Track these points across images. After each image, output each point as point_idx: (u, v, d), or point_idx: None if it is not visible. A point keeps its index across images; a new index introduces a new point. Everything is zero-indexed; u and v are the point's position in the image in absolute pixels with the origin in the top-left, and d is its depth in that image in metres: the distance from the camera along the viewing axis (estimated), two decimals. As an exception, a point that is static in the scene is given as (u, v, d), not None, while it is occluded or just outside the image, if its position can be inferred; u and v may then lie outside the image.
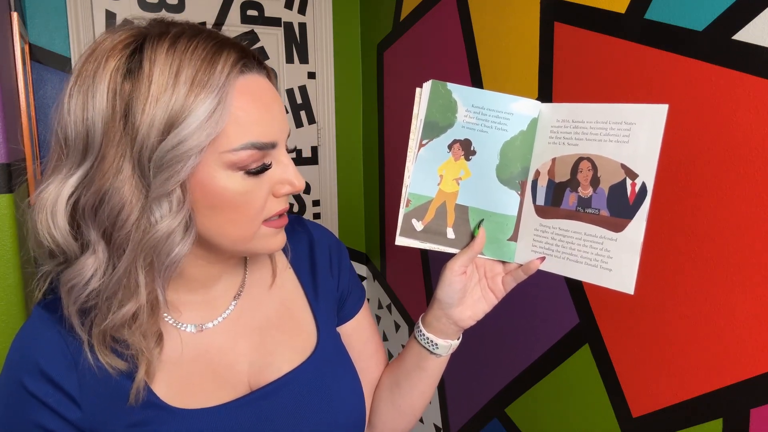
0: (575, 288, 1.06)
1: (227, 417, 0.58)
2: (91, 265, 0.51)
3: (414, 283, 1.74)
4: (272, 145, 0.54)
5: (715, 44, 0.76)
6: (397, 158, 1.85)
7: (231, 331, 0.63)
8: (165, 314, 0.59)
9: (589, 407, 1.05)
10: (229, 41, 0.53)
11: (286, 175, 0.56)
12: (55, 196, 0.50)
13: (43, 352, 0.55)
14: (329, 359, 0.67)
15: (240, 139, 0.51)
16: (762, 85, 0.71)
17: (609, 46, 0.93)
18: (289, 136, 0.58)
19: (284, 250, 0.71)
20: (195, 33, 0.52)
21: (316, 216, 2.13)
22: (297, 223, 0.75)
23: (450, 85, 0.63)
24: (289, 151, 0.58)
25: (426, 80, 0.64)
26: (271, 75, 0.57)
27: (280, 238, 0.59)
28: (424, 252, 1.66)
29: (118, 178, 0.49)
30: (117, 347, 0.55)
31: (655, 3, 0.85)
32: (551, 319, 1.13)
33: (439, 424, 1.63)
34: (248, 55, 0.54)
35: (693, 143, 0.80)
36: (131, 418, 0.55)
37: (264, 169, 0.54)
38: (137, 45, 0.50)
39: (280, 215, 0.58)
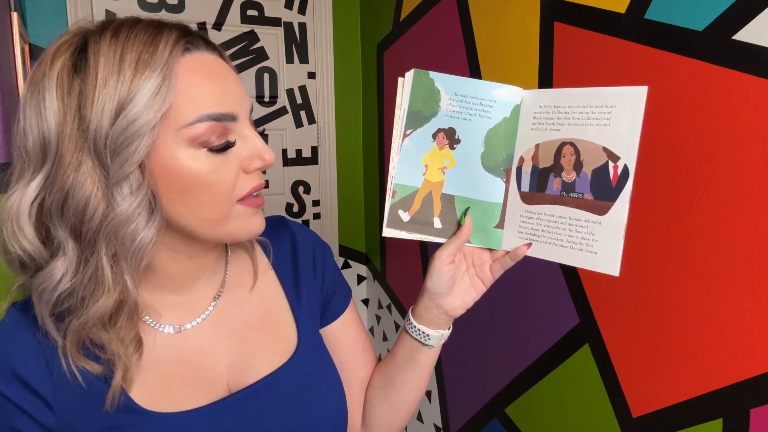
0: (575, 288, 1.06)
1: (205, 420, 0.58)
2: (61, 267, 0.51)
3: (414, 283, 1.73)
4: (231, 117, 0.53)
5: (715, 44, 0.76)
6: (397, 158, 1.85)
7: (210, 332, 0.62)
8: (145, 316, 0.59)
9: (589, 407, 1.05)
10: (169, 23, 0.54)
11: (254, 149, 0.55)
12: (18, 203, 0.51)
13: (17, 354, 0.54)
14: (309, 362, 0.67)
15: (193, 112, 0.51)
16: (762, 85, 0.71)
17: (609, 45, 0.93)
18: (252, 111, 0.58)
19: (266, 251, 0.70)
20: (135, 22, 0.53)
21: (316, 216, 2.13)
22: (280, 223, 0.74)
23: (432, 74, 0.63)
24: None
25: None
26: (223, 54, 0.58)
27: (258, 221, 0.58)
28: (423, 251, 1.66)
29: (79, 173, 0.49)
30: (93, 350, 0.54)
31: (655, 3, 0.85)
32: (551, 319, 1.13)
33: (439, 424, 1.63)
34: (191, 34, 0.54)
35: (693, 143, 0.80)
36: (106, 422, 0.54)
37: (227, 146, 0.53)
38: (80, 43, 0.51)
39: (256, 195, 0.57)
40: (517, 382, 1.26)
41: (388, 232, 0.65)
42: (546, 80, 1.09)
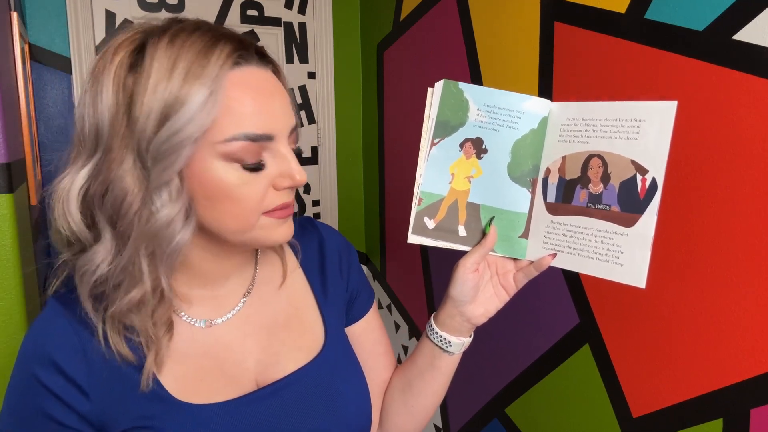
0: (575, 288, 1.06)
1: (232, 413, 0.59)
2: (102, 252, 0.53)
3: (414, 283, 1.73)
4: (267, 137, 0.53)
5: (716, 44, 0.76)
6: (397, 158, 1.85)
7: (239, 328, 0.63)
8: (181, 311, 0.60)
9: (589, 407, 1.05)
10: (227, 34, 0.54)
11: (286, 169, 0.55)
12: (69, 187, 0.53)
13: (56, 343, 0.56)
14: (336, 360, 0.67)
15: (232, 129, 0.51)
16: (762, 85, 0.71)
17: (609, 45, 0.93)
18: (295, 128, 0.57)
19: (294, 250, 0.71)
20: (195, 27, 0.53)
21: (316, 216, 2.13)
22: (307, 223, 0.75)
23: (462, 85, 0.64)
24: (298, 152, 0.58)
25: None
26: (277, 68, 0.58)
27: (285, 230, 0.58)
28: (424, 252, 1.66)
29: (121, 169, 0.51)
30: (128, 335, 0.56)
31: (655, 3, 0.85)
32: (551, 319, 1.13)
33: (439, 424, 1.63)
34: (246, 48, 0.54)
35: (693, 143, 0.80)
36: (139, 410, 0.56)
37: (259, 167, 0.54)
38: (142, 41, 0.52)
39: (282, 208, 0.57)
40: (518, 383, 1.26)
41: (413, 239, 0.66)
42: (546, 80, 1.09)
